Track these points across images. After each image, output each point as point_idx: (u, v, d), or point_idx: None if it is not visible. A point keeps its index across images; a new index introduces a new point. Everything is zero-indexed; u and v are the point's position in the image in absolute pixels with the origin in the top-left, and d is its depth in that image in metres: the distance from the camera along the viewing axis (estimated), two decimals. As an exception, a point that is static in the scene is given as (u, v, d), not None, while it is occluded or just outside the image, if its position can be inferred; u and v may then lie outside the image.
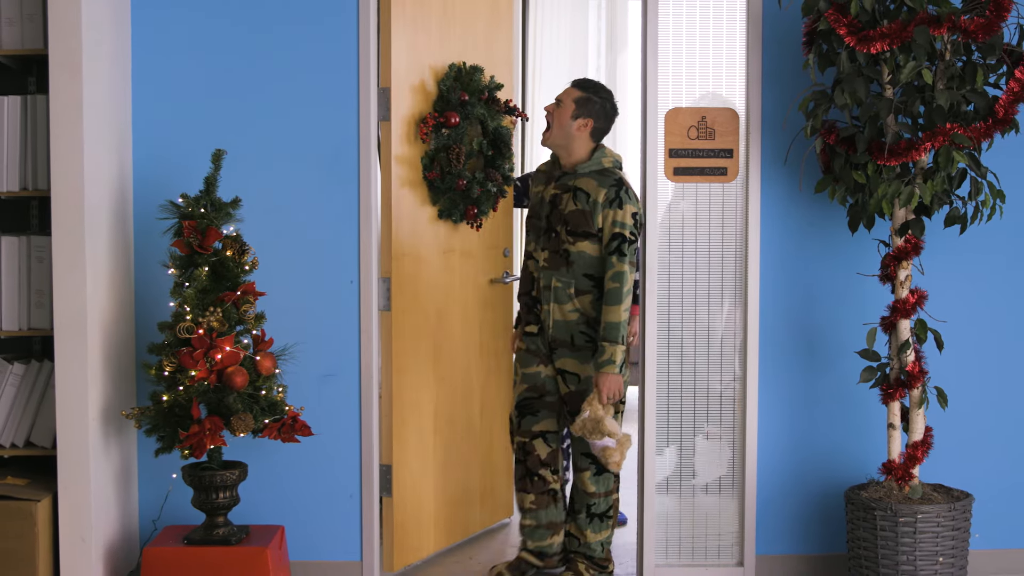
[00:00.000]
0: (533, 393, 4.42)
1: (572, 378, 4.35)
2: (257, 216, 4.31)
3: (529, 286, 4.45)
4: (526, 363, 4.44)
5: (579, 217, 4.25)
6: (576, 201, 4.26)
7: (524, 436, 4.45)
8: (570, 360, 4.34)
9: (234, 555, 3.99)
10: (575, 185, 4.29)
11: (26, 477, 4.07)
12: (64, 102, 3.88)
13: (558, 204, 4.31)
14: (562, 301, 4.31)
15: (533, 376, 4.42)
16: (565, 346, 4.33)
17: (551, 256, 4.32)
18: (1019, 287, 4.56)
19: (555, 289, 4.30)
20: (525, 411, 4.44)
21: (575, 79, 4.47)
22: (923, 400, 4.17)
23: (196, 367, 3.88)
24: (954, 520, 4.09)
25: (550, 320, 4.33)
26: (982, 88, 4.03)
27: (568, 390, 4.36)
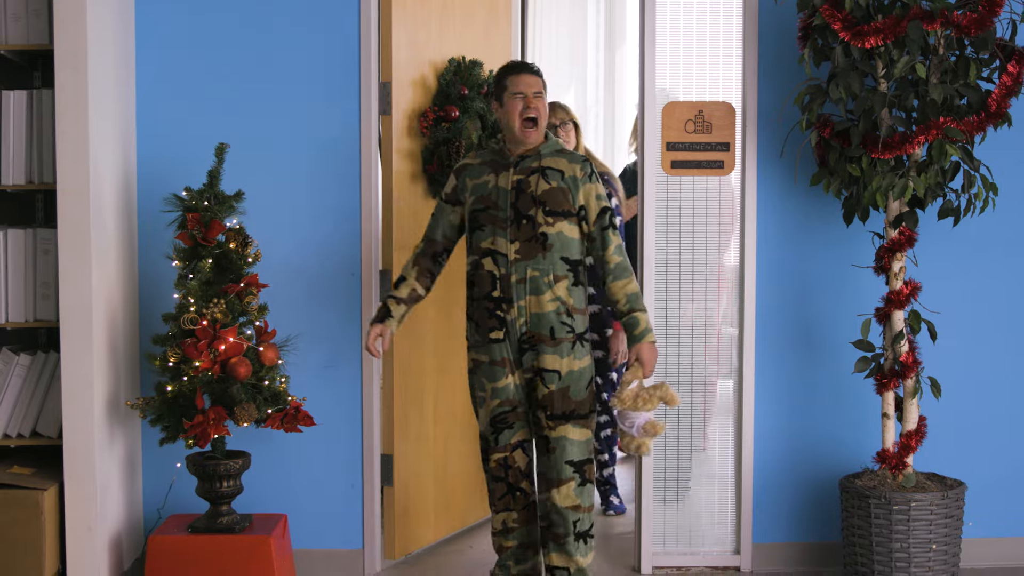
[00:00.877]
0: (506, 407, 4.04)
1: (552, 376, 3.98)
2: (260, 209, 4.35)
3: (489, 287, 4.00)
4: (493, 376, 4.03)
5: (557, 195, 3.95)
6: (549, 180, 3.96)
7: (503, 451, 4.07)
8: (549, 356, 3.97)
9: (238, 543, 4.02)
10: (542, 165, 3.98)
11: (32, 466, 4.09)
12: (69, 97, 3.92)
13: (526, 188, 3.96)
14: (540, 292, 3.96)
15: (504, 390, 4.03)
16: (544, 341, 3.97)
17: (524, 246, 3.95)
18: (1012, 279, 4.60)
19: (531, 280, 3.95)
20: (500, 426, 4.06)
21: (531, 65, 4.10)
22: (917, 390, 4.21)
23: (200, 358, 3.92)
24: (947, 508, 4.13)
25: (526, 316, 3.97)
26: (975, 82, 4.07)
27: (548, 390, 3.98)
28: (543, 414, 4.00)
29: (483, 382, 4.06)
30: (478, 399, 4.12)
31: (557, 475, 3.99)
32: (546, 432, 4.00)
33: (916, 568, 4.10)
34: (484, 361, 4.04)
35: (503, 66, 4.09)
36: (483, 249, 4.00)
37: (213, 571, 4.00)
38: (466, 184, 4.06)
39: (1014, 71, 4.05)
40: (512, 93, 3.98)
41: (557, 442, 3.98)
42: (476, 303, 4.04)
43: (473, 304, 4.05)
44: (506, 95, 3.99)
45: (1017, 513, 4.63)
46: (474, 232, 4.03)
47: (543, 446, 4.01)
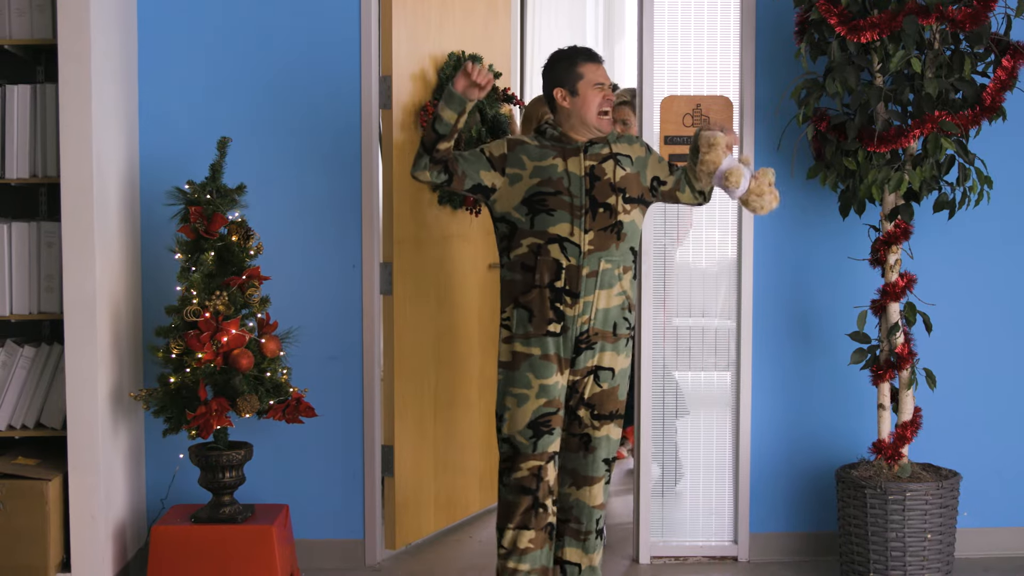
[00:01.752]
0: (551, 408, 3.80)
1: (607, 374, 3.84)
2: (261, 202, 4.39)
3: (553, 276, 3.77)
4: (543, 372, 3.79)
5: (634, 181, 3.83)
6: (623, 167, 3.82)
7: (539, 459, 3.80)
8: (608, 353, 3.84)
9: (240, 533, 4.06)
10: (614, 151, 3.84)
11: (36, 457, 4.13)
12: (73, 91, 3.95)
13: (601, 175, 3.79)
14: (610, 285, 3.80)
15: (552, 388, 3.79)
16: (606, 338, 3.81)
17: (598, 236, 3.76)
18: (1006, 271, 4.64)
19: (603, 273, 3.77)
20: (542, 430, 3.78)
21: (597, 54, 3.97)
22: (912, 381, 4.24)
23: (203, 349, 3.95)
24: (942, 498, 4.17)
25: (592, 311, 3.78)
26: (970, 76, 4.09)
27: (600, 389, 3.85)
28: (587, 412, 3.85)
29: (529, 378, 3.79)
30: (517, 397, 3.81)
31: (593, 473, 3.88)
32: (588, 431, 3.87)
33: (911, 557, 4.14)
34: (533, 355, 3.79)
35: (574, 52, 3.92)
36: (550, 235, 3.77)
37: (216, 561, 4.03)
38: (522, 161, 3.82)
39: (1008, 65, 4.08)
40: (594, 84, 3.84)
41: (599, 441, 3.87)
42: (534, 291, 3.79)
43: (530, 292, 3.79)
44: (583, 84, 3.84)
45: (1011, 503, 4.67)
46: (538, 215, 3.77)
47: (581, 444, 3.88)
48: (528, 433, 3.80)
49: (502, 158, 3.84)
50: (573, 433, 3.89)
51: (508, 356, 3.83)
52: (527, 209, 3.79)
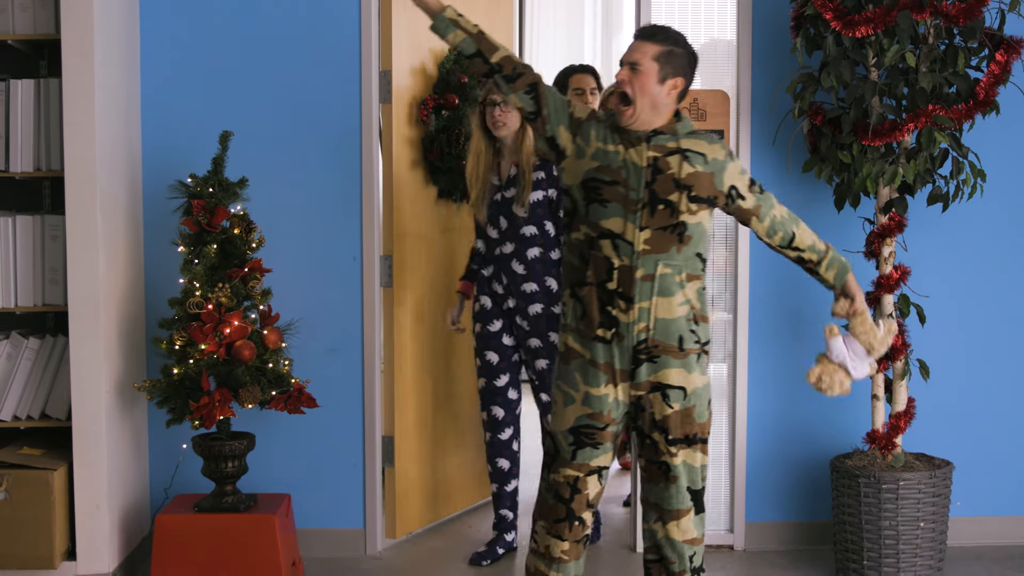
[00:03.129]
0: (597, 423, 3.40)
1: (676, 394, 3.38)
2: (263, 195, 4.42)
3: (604, 275, 3.36)
4: (591, 379, 3.40)
5: (704, 180, 3.37)
6: (692, 163, 3.36)
7: (577, 470, 3.44)
8: (675, 371, 3.37)
9: (243, 522, 4.09)
10: (682, 147, 3.37)
11: (42, 447, 4.17)
12: (76, 86, 3.98)
13: (664, 169, 3.34)
14: (671, 292, 3.34)
15: (599, 401, 3.39)
16: (670, 352, 3.36)
17: (656, 236, 3.33)
18: (999, 263, 4.67)
19: (661, 278, 3.33)
20: (584, 441, 3.42)
21: (641, 29, 3.46)
22: (906, 372, 4.28)
23: (206, 341, 3.99)
24: (935, 487, 4.21)
25: (649, 320, 3.34)
26: (964, 71, 4.12)
27: (670, 411, 3.38)
28: (661, 437, 3.41)
29: (576, 379, 3.42)
30: (564, 394, 3.46)
31: (678, 506, 3.43)
32: (665, 458, 3.42)
33: (904, 546, 4.19)
34: (584, 357, 3.41)
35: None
36: (602, 229, 3.36)
37: (219, 549, 4.07)
38: (590, 136, 3.41)
39: (1002, 60, 4.11)
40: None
41: (679, 469, 3.42)
42: (587, 288, 3.39)
43: (583, 288, 3.40)
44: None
45: (1003, 493, 4.71)
46: (592, 204, 3.37)
47: (660, 473, 3.43)
48: (569, 438, 3.44)
49: (578, 123, 3.43)
50: (652, 461, 3.45)
51: (563, 347, 3.48)
52: (583, 193, 3.40)
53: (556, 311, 4.38)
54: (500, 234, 4.44)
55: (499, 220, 4.44)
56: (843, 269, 3.55)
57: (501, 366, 4.53)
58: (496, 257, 4.46)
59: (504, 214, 4.43)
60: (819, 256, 3.53)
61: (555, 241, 4.42)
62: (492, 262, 4.48)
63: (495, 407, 4.55)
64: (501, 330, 4.52)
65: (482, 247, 4.50)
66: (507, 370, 4.54)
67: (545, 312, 4.41)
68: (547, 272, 4.42)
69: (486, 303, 4.52)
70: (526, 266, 4.41)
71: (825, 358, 3.54)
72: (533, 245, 4.40)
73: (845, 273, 3.55)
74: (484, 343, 4.53)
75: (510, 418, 4.57)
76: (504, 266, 4.44)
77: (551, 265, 4.42)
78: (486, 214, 4.45)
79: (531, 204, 4.38)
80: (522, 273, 4.42)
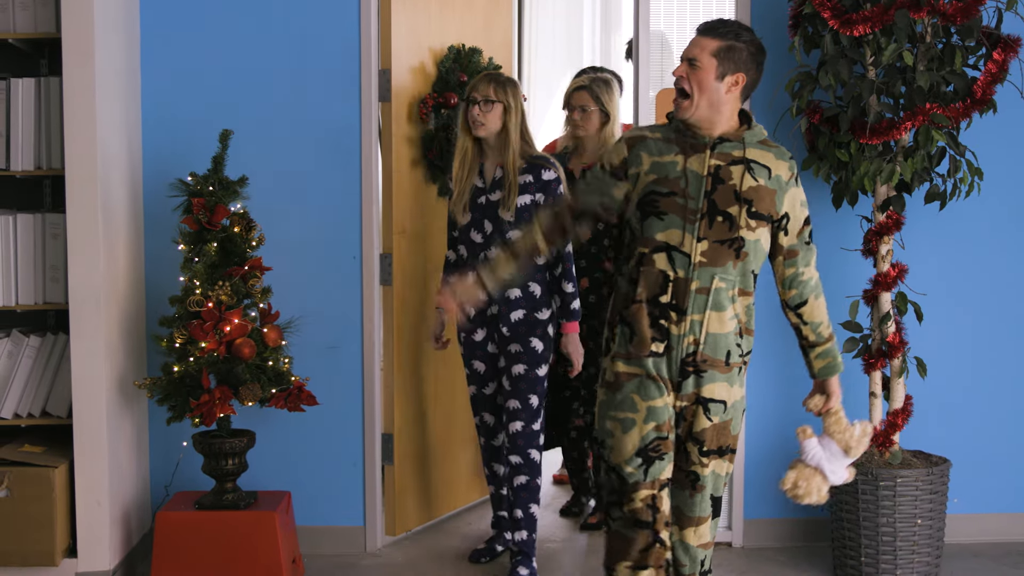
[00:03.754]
0: (662, 433, 3.30)
1: (718, 407, 3.31)
2: (263, 194, 4.43)
3: (658, 290, 3.27)
4: (649, 393, 3.29)
5: (765, 196, 3.26)
6: (755, 176, 3.26)
7: (652, 488, 3.31)
8: (720, 385, 3.31)
9: (243, 519, 4.11)
10: (748, 157, 3.27)
11: (43, 445, 4.18)
12: (77, 84, 3.99)
13: (726, 179, 3.24)
14: (723, 307, 3.27)
15: (662, 411, 3.29)
16: (716, 367, 3.29)
17: (713, 248, 3.24)
18: (997, 261, 4.69)
19: (716, 292, 3.25)
20: (653, 456, 3.30)
21: (702, 24, 3.34)
22: (903, 369, 4.30)
23: (206, 339, 4.01)
24: (932, 484, 4.23)
25: (699, 334, 3.26)
26: (961, 69, 4.14)
27: (709, 423, 3.32)
28: (695, 447, 3.34)
29: (634, 400, 3.30)
30: (621, 422, 3.32)
31: (699, 513, 3.39)
32: (696, 468, 3.36)
33: (902, 542, 4.21)
34: (638, 375, 3.30)
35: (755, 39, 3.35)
36: (656, 243, 3.27)
37: (219, 546, 4.10)
38: (641, 158, 3.31)
39: (999, 58, 4.13)
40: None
41: (707, 479, 3.37)
42: (635, 305, 3.29)
43: (630, 307, 3.30)
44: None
45: (1000, 490, 4.73)
46: (648, 219, 3.29)
47: (687, 482, 3.38)
48: (637, 462, 3.30)
49: (623, 163, 3.35)
50: (680, 468, 3.39)
51: (611, 376, 3.35)
52: (640, 214, 3.31)
53: (539, 317, 4.26)
54: (485, 239, 4.27)
55: (484, 224, 4.27)
56: (833, 367, 3.43)
57: (489, 374, 4.40)
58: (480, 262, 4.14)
59: (489, 218, 4.26)
60: (817, 340, 3.42)
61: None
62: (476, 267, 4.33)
63: (486, 414, 4.46)
64: (486, 339, 4.37)
65: (464, 252, 4.33)
66: (495, 377, 4.41)
67: (527, 318, 4.25)
68: (531, 277, 4.25)
69: (470, 311, 4.38)
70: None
71: (800, 462, 3.42)
72: None
73: (832, 372, 3.44)
74: (470, 352, 4.41)
75: (500, 424, 4.46)
76: None
77: (535, 270, 4.24)
78: (469, 217, 4.29)
79: (517, 208, 4.21)
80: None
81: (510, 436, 4.29)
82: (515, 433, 4.28)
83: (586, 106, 4.71)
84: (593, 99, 4.70)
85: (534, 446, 4.29)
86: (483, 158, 4.31)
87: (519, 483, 4.29)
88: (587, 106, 4.70)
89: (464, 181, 4.29)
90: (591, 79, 4.77)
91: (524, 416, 4.28)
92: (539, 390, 4.29)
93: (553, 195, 4.22)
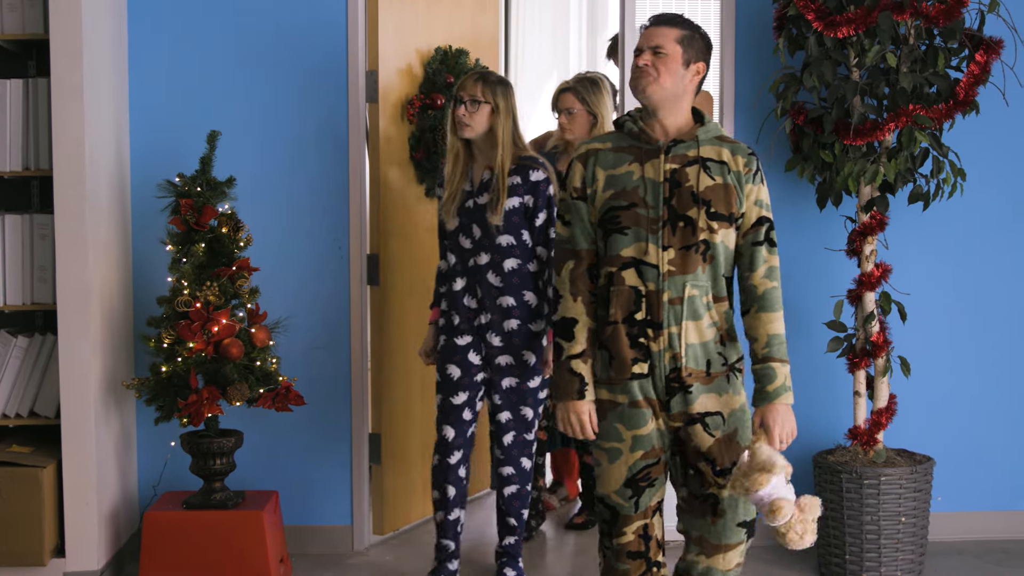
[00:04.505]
0: (651, 459, 3.17)
1: (715, 420, 3.13)
2: (251, 195, 4.45)
3: (632, 307, 3.12)
4: (634, 422, 3.15)
5: (723, 194, 3.11)
6: (711, 175, 3.12)
7: (643, 518, 3.21)
8: (709, 397, 3.14)
9: (231, 518, 4.12)
10: (701, 156, 3.13)
11: (30, 445, 4.18)
12: (65, 86, 4.00)
13: (683, 181, 3.10)
14: (699, 316, 3.11)
15: (648, 438, 3.15)
16: (699, 379, 3.13)
17: (680, 255, 3.09)
18: (979, 261, 4.72)
19: (689, 300, 3.10)
20: (643, 485, 3.18)
21: (655, 16, 3.23)
22: (887, 369, 4.33)
23: (194, 339, 4.02)
24: (916, 483, 4.26)
25: (680, 347, 3.11)
26: (944, 71, 4.17)
27: (713, 439, 3.14)
28: (708, 468, 3.16)
29: (619, 430, 3.16)
30: (607, 452, 3.19)
31: (726, 540, 3.19)
32: (713, 490, 3.17)
33: (886, 540, 4.24)
34: (620, 403, 3.16)
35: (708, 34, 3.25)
36: (623, 259, 3.12)
37: (207, 545, 4.10)
38: (596, 174, 3.17)
39: (982, 60, 4.16)
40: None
41: (727, 503, 3.17)
42: (611, 327, 3.13)
43: (606, 329, 3.15)
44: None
45: (983, 488, 4.76)
46: (611, 236, 3.14)
47: (705, 508, 3.19)
48: (627, 493, 3.18)
49: (583, 184, 3.20)
50: (696, 495, 3.20)
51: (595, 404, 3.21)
52: (602, 232, 3.17)
53: (534, 328, 4.10)
54: (474, 244, 4.10)
55: (472, 229, 4.10)
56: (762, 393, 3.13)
57: (462, 383, 4.13)
58: (470, 269, 4.11)
59: (477, 222, 4.09)
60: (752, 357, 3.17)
61: (532, 253, 4.09)
62: (466, 274, 4.13)
63: (447, 427, 4.16)
64: (469, 346, 4.14)
65: (454, 259, 4.16)
66: (467, 388, 4.14)
67: (522, 328, 4.08)
68: (525, 286, 4.08)
69: (455, 319, 4.15)
70: (503, 278, 4.07)
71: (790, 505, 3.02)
72: (510, 256, 4.06)
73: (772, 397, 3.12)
74: (447, 356, 4.15)
75: (460, 441, 4.17)
76: (479, 278, 4.10)
77: (529, 279, 4.08)
78: (457, 221, 4.13)
79: (506, 212, 4.04)
80: (498, 286, 4.08)
81: (503, 448, 4.17)
82: (508, 444, 4.16)
83: (571, 108, 4.68)
84: (579, 100, 4.67)
85: (526, 455, 4.19)
86: (471, 160, 4.17)
87: (511, 492, 4.19)
88: (572, 108, 4.68)
89: (456, 183, 4.13)
90: (576, 79, 4.76)
91: (516, 427, 4.16)
92: (531, 402, 4.15)
93: (542, 197, 4.06)
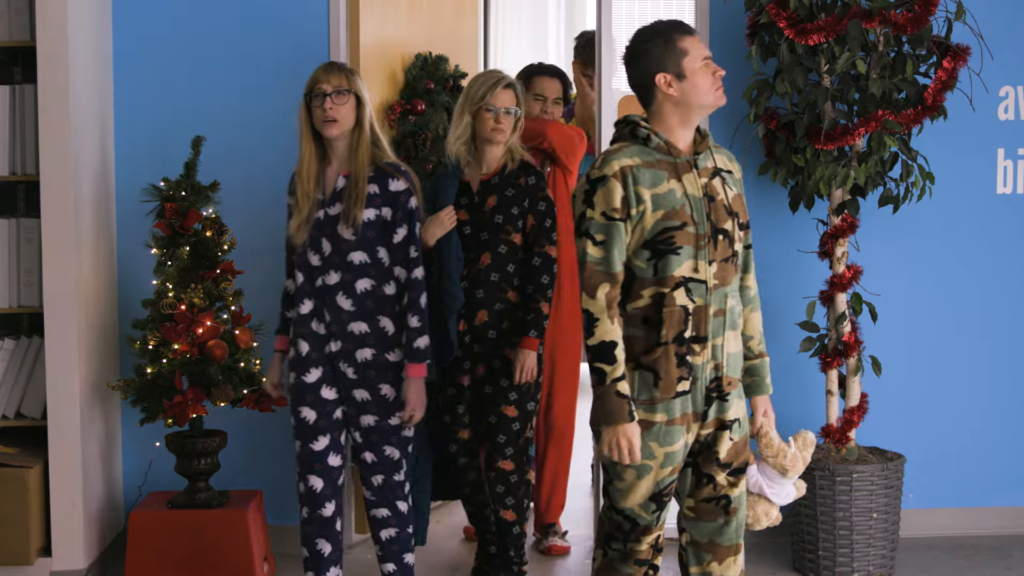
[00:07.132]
0: (675, 475, 3.11)
1: (736, 426, 3.13)
2: (234, 199, 4.48)
3: (681, 326, 3.01)
4: (669, 439, 3.04)
5: (742, 203, 3.14)
6: (729, 185, 3.11)
7: (661, 528, 3.18)
8: (738, 403, 3.14)
9: (215, 518, 4.16)
10: (718, 167, 3.11)
11: (17, 446, 4.21)
12: (51, 92, 4.04)
13: (715, 195, 3.06)
14: (736, 325, 3.11)
15: (677, 454, 3.08)
16: (735, 386, 3.13)
17: (721, 268, 3.05)
18: (948, 262, 4.79)
19: (731, 311, 3.08)
20: (664, 500, 3.12)
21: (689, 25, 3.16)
22: (859, 368, 4.39)
23: (179, 341, 4.06)
24: (887, 480, 4.32)
25: (723, 356, 3.07)
26: (912, 77, 4.23)
27: (731, 443, 3.12)
28: (722, 471, 3.13)
29: (652, 448, 3.04)
30: (637, 469, 3.07)
31: (736, 539, 3.18)
32: (726, 491, 3.15)
33: (858, 536, 4.31)
34: (658, 422, 3.04)
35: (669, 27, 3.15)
36: (676, 279, 3.00)
37: (192, 545, 4.14)
38: (640, 195, 3.00)
39: (949, 67, 4.22)
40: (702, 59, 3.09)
41: (739, 500, 3.17)
42: (660, 349, 3.01)
43: (655, 351, 3.02)
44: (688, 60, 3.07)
45: (954, 485, 4.82)
46: (664, 257, 3.00)
47: (719, 510, 3.16)
48: (651, 507, 3.11)
49: (625, 203, 3.01)
50: (708, 499, 3.15)
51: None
52: (650, 253, 3.02)
53: (391, 359, 3.66)
54: (323, 261, 3.63)
55: (321, 244, 3.63)
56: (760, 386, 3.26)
57: (319, 425, 3.68)
58: (318, 289, 3.64)
59: (328, 236, 3.62)
60: (747, 355, 3.25)
61: (389, 273, 3.65)
62: (313, 295, 3.65)
63: (312, 476, 3.70)
64: (320, 381, 3.68)
65: (301, 278, 3.69)
66: (327, 430, 3.69)
67: (376, 360, 3.64)
68: (380, 311, 3.64)
69: (303, 348, 3.67)
70: (354, 301, 3.62)
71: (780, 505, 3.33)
72: (363, 276, 3.61)
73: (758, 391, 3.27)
74: (299, 397, 3.69)
75: (330, 490, 3.72)
76: (327, 300, 3.62)
77: (385, 303, 3.65)
78: (306, 235, 3.65)
79: (362, 224, 3.61)
80: (349, 310, 3.62)
81: (372, 488, 3.75)
82: (378, 486, 3.73)
83: (551, 96, 4.71)
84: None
85: (400, 497, 3.74)
86: (324, 164, 3.71)
87: (388, 536, 3.76)
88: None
89: (312, 195, 3.66)
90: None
91: (384, 469, 3.72)
92: (395, 440, 3.70)
93: (403, 209, 3.63)
